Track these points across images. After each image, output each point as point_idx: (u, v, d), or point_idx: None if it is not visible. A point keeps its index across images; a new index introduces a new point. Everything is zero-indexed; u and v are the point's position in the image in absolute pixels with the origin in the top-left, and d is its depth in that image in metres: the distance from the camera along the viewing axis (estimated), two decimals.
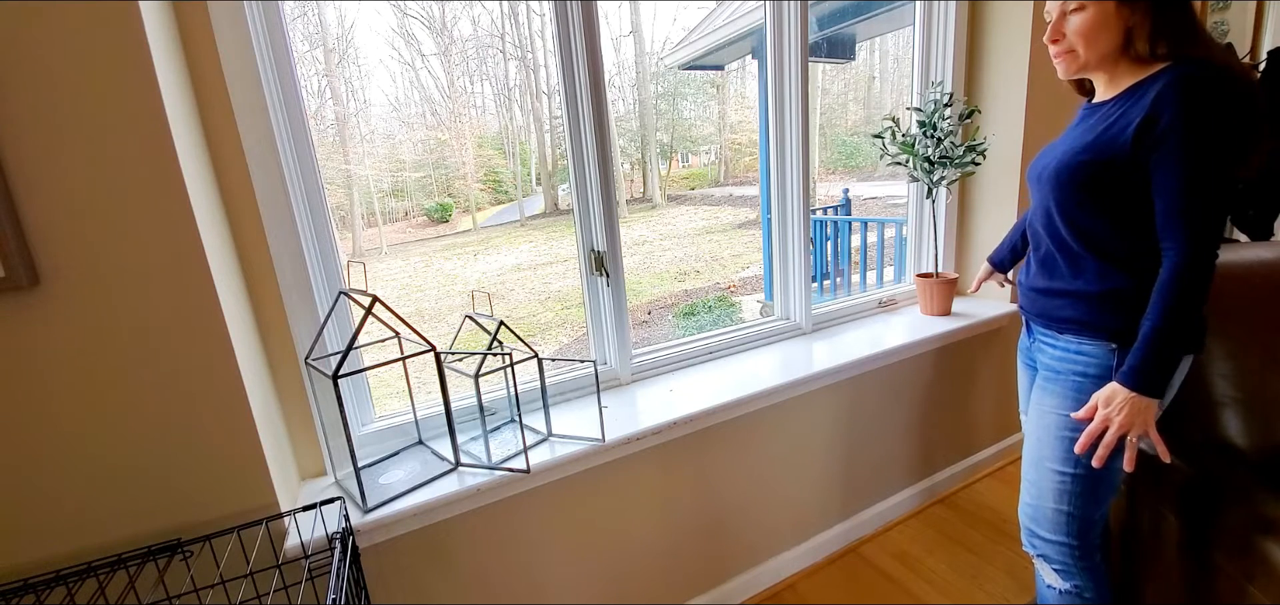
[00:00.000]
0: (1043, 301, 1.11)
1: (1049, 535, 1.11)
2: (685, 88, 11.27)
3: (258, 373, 1.05)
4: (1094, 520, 1.09)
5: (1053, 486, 1.09)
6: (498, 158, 10.40)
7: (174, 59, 0.92)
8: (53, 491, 0.88)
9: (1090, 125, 1.01)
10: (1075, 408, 1.03)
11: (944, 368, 1.91)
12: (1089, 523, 1.08)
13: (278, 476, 1.04)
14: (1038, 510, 1.12)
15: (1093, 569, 1.11)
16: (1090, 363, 1.02)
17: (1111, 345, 1.00)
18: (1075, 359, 1.05)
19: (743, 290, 6.38)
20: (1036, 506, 1.12)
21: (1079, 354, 1.04)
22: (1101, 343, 1.01)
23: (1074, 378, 1.04)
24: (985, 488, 2.06)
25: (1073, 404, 1.04)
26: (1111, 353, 1.00)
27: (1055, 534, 1.10)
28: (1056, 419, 1.07)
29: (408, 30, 9.30)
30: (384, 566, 1.14)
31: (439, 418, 1.32)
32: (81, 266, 0.84)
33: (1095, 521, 1.09)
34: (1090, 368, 1.02)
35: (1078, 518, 1.07)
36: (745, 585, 1.64)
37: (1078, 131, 1.04)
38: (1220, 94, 0.86)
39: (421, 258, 8.03)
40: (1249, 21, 2.35)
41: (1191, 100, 0.86)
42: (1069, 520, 1.08)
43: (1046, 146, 1.13)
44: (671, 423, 1.35)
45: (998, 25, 1.89)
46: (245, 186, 1.05)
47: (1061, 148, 1.04)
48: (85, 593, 0.88)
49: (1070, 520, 1.08)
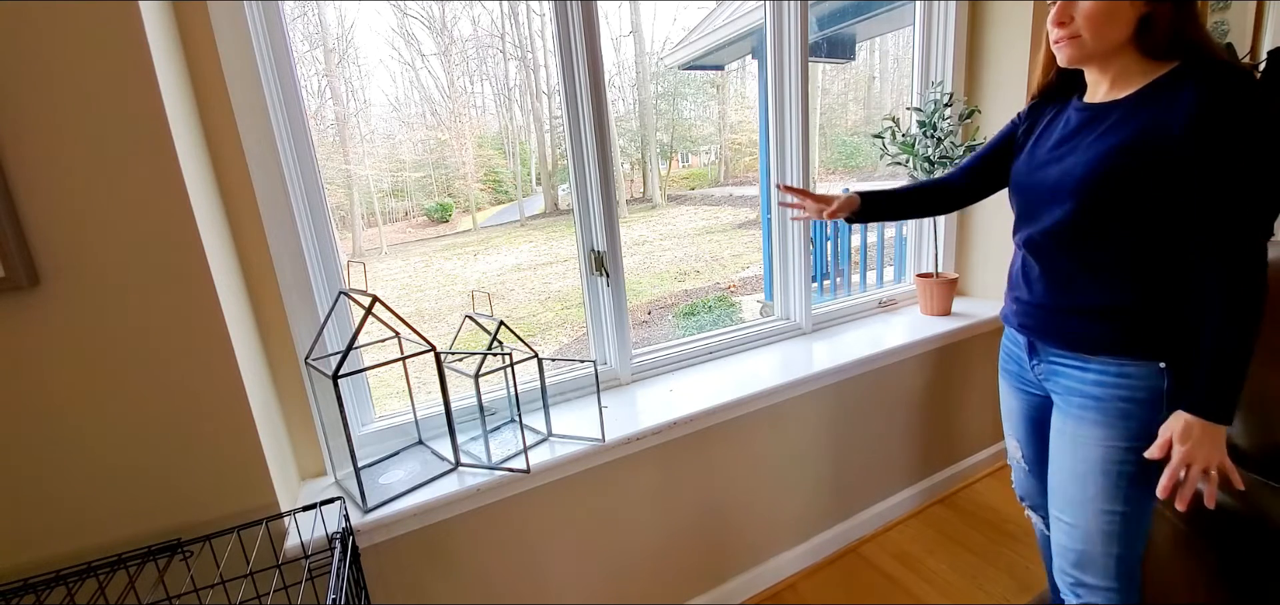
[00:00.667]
0: (1060, 321, 1.00)
1: (1100, 581, 1.00)
2: (685, 88, 11.27)
3: (258, 373, 1.05)
4: (1140, 556, 1.00)
5: (1102, 528, 0.97)
6: (498, 158, 10.39)
7: (174, 59, 0.92)
8: (53, 491, 0.88)
9: (1110, 125, 0.91)
10: (1125, 439, 0.93)
11: (944, 368, 1.91)
12: (1137, 560, 0.99)
13: (278, 476, 1.04)
14: (1086, 557, 1.00)
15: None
16: (1138, 386, 0.92)
17: (1160, 364, 0.90)
18: (1119, 383, 0.93)
19: (743, 290, 6.38)
20: (1084, 553, 1.00)
21: (1122, 377, 0.93)
22: (1147, 363, 0.91)
23: (1120, 404, 0.93)
24: (985, 488, 2.06)
25: (1122, 435, 0.93)
26: (1161, 373, 0.90)
27: (1106, 579, 0.99)
28: (1103, 453, 0.95)
29: (408, 30, 9.29)
30: (384, 566, 1.14)
31: (439, 418, 1.32)
32: (81, 266, 0.84)
33: (1140, 557, 1.00)
34: (1139, 392, 0.92)
35: (1128, 558, 0.98)
36: (745, 585, 1.64)
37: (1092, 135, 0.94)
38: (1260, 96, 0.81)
39: (421, 258, 8.03)
40: (1249, 21, 2.35)
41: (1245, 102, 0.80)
42: (1119, 563, 0.98)
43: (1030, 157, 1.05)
44: (671, 423, 1.35)
45: (998, 25, 1.89)
46: (245, 186, 1.05)
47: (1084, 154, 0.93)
48: (85, 593, 0.88)
49: (1120, 562, 0.98)
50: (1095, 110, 0.96)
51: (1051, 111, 1.06)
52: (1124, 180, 0.88)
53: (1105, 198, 0.90)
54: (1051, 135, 1.02)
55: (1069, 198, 0.94)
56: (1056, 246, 0.99)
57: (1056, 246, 0.99)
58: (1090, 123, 0.95)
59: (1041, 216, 1.00)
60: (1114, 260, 0.93)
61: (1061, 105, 1.04)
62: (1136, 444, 0.93)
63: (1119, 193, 0.89)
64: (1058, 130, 1.01)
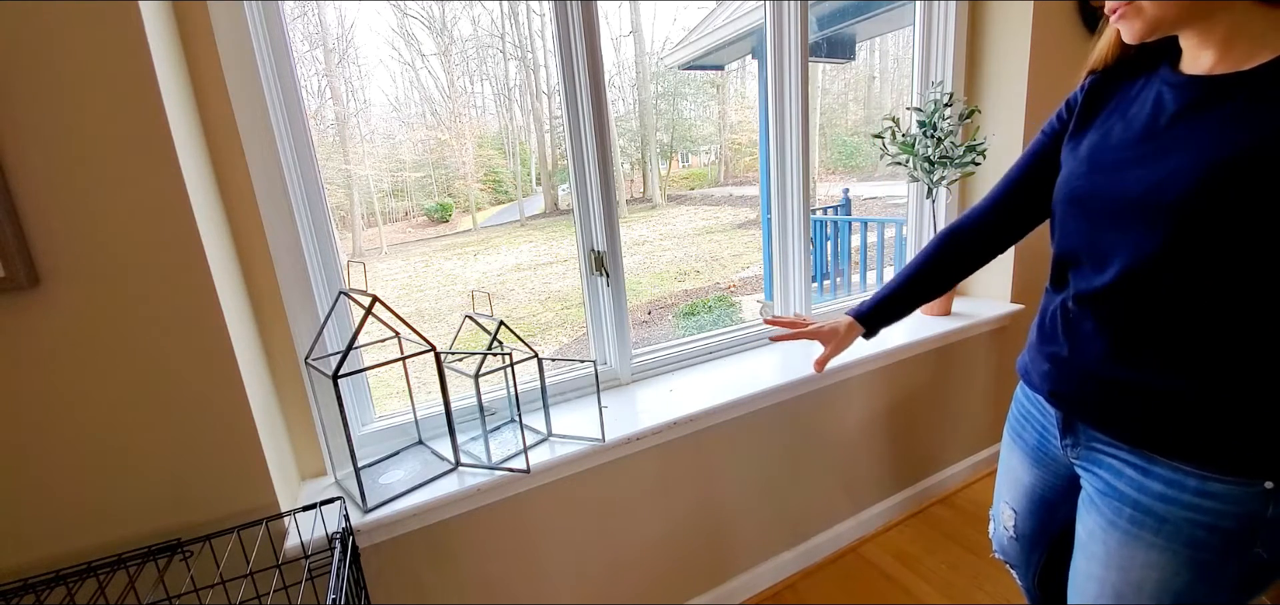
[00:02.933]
0: (1119, 399, 0.72)
1: None
2: (685, 88, 11.27)
3: (258, 373, 1.05)
4: None
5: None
6: (498, 158, 10.40)
7: (174, 59, 0.92)
8: (53, 491, 0.88)
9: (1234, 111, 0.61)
10: (1196, 576, 0.67)
11: (944, 368, 1.91)
12: None
13: (278, 476, 1.04)
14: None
15: None
16: (1226, 512, 0.65)
17: (1267, 484, 0.63)
18: (1198, 502, 0.66)
19: (743, 290, 6.38)
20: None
21: (1203, 495, 0.66)
22: (1246, 482, 0.64)
23: (1196, 531, 0.67)
24: (986, 488, 2.06)
25: (1189, 572, 0.67)
26: (1266, 496, 0.63)
27: None
28: (1155, 590, 0.70)
29: (408, 30, 9.29)
30: (384, 566, 1.14)
31: (439, 418, 1.32)
32: (81, 266, 0.84)
33: None
34: (1226, 519, 0.65)
35: None
36: (745, 585, 1.64)
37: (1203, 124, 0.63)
38: None
39: (421, 258, 8.04)
40: None
41: None
42: None
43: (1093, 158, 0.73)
44: (671, 423, 1.35)
45: (998, 25, 1.89)
46: (245, 186, 1.05)
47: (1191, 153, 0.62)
48: (85, 593, 0.88)
49: None
50: (1207, 86, 0.64)
51: (1126, 89, 0.74)
52: (1257, 196, 0.58)
53: (1226, 221, 0.60)
54: (1132, 125, 0.70)
55: (1165, 219, 0.64)
56: (1130, 291, 0.68)
57: (1130, 291, 0.68)
58: (1199, 106, 0.64)
59: (1111, 246, 0.70)
60: (1218, 319, 0.63)
61: (1146, 78, 0.71)
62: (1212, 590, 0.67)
63: (1247, 215, 0.59)
64: (1142, 117, 0.70)
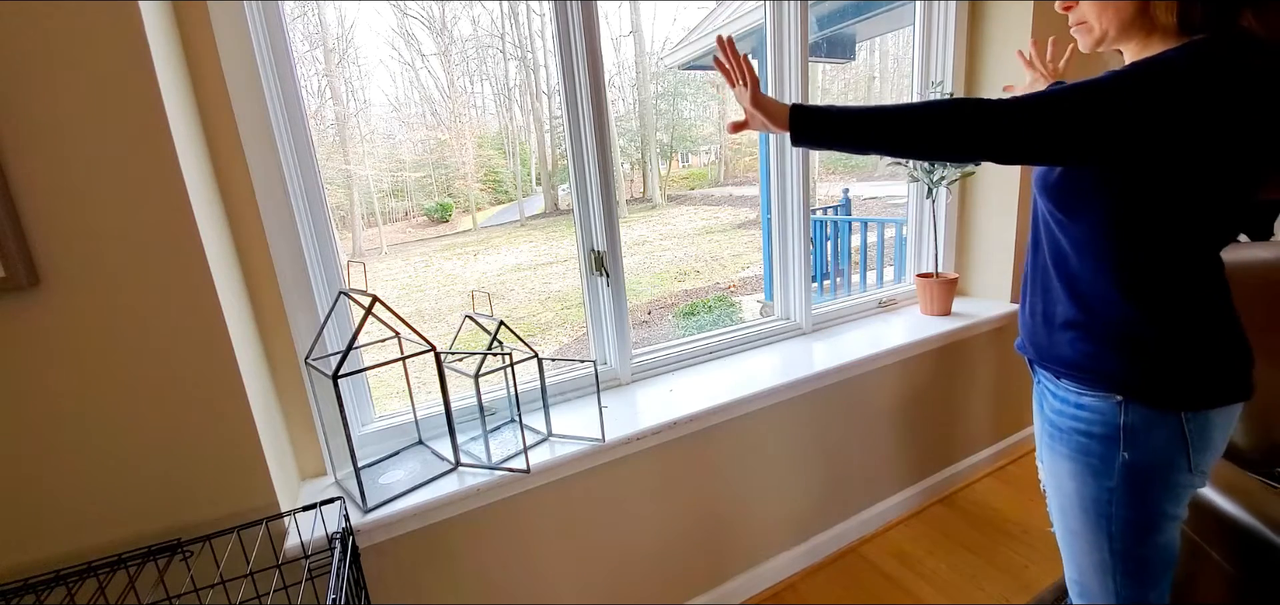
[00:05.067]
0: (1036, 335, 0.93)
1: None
2: (685, 88, 11.28)
3: (258, 373, 1.05)
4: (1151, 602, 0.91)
5: (1094, 565, 0.91)
6: (498, 158, 10.40)
7: (174, 59, 0.92)
8: (53, 491, 0.88)
9: None
10: (1092, 476, 0.85)
11: (944, 368, 1.91)
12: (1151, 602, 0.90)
13: (278, 476, 1.04)
14: (1084, 588, 0.95)
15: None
16: (1095, 421, 0.84)
17: (1118, 398, 0.81)
18: (1078, 413, 0.86)
19: (743, 290, 6.38)
20: (1082, 584, 0.95)
21: (1081, 408, 0.85)
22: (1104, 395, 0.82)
23: (1079, 436, 0.86)
24: (985, 487, 2.06)
25: (1087, 471, 0.86)
26: (1119, 407, 0.81)
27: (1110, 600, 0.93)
28: (1076, 488, 0.89)
29: (408, 30, 9.30)
30: (384, 566, 1.14)
31: (439, 418, 1.32)
32: (81, 266, 0.84)
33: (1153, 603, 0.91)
34: (1095, 426, 0.84)
35: (1135, 596, 0.90)
36: (745, 585, 1.64)
37: None
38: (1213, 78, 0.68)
39: (421, 258, 8.04)
40: None
41: (1149, 72, 0.70)
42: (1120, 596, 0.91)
43: None
44: (671, 423, 1.35)
45: (998, 25, 1.89)
46: (245, 186, 1.05)
47: None
48: (85, 593, 0.88)
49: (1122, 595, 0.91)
50: None
51: None
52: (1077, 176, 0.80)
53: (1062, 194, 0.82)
54: None
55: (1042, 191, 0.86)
56: (1042, 246, 0.91)
57: (1042, 246, 0.91)
58: None
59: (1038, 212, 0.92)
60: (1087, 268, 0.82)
61: None
62: (1105, 483, 0.85)
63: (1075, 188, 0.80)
64: None
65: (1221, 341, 0.80)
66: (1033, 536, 1.77)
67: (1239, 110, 0.69)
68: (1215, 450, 0.82)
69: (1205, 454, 0.81)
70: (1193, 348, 0.78)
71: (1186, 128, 0.69)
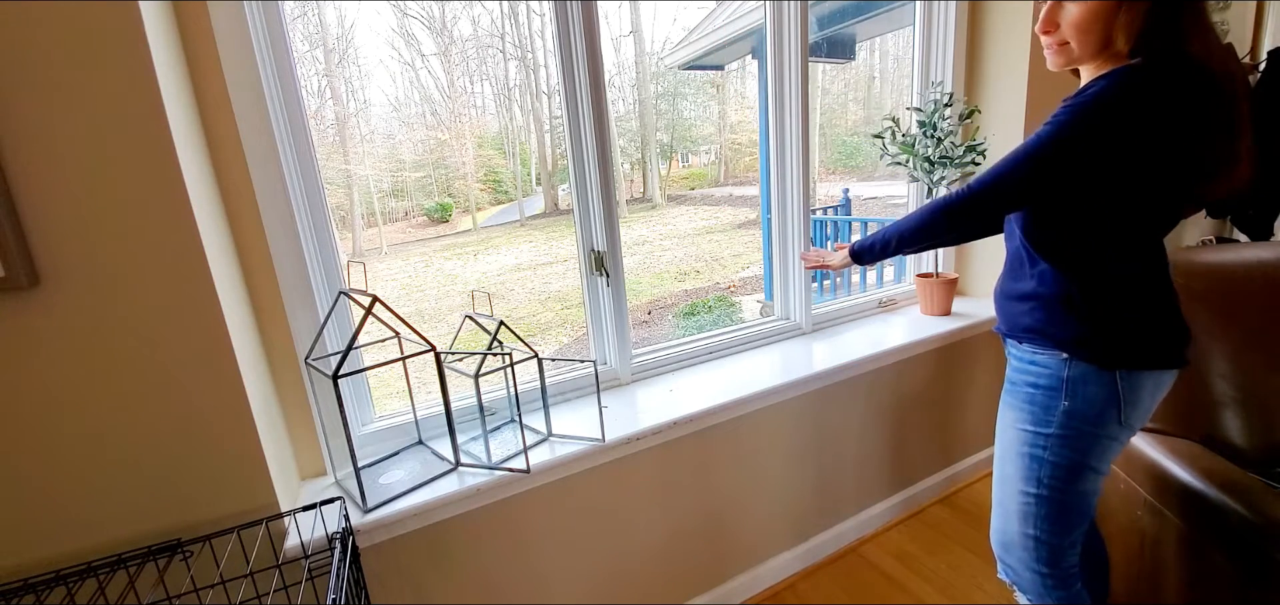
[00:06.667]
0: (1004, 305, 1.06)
1: (1019, 562, 1.06)
2: (685, 88, 11.27)
3: (258, 373, 1.05)
4: (1064, 547, 1.02)
5: (1018, 508, 1.03)
6: (498, 158, 10.40)
7: (174, 59, 0.92)
8: (53, 491, 0.88)
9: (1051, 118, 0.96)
10: (1031, 423, 0.99)
11: (944, 368, 1.91)
12: (1058, 549, 1.02)
13: (278, 476, 1.04)
14: (1006, 534, 1.07)
15: (1070, 601, 1.05)
16: (1042, 374, 0.97)
17: (1064, 355, 0.94)
18: (1028, 369, 1.00)
19: (743, 290, 6.38)
20: (1004, 530, 1.08)
21: (1032, 364, 0.99)
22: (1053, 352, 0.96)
23: (1027, 389, 1.00)
24: (985, 487, 2.06)
25: (1027, 418, 1.00)
26: (1064, 362, 0.94)
27: (1024, 560, 1.05)
28: (1015, 435, 1.02)
29: (408, 30, 9.29)
30: (384, 566, 1.14)
31: (439, 418, 1.32)
32: (81, 266, 0.84)
33: (1065, 548, 1.03)
34: (1042, 378, 0.97)
35: (1046, 544, 1.02)
36: (745, 585, 1.64)
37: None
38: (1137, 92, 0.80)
39: (421, 258, 8.03)
40: (1249, 22, 2.35)
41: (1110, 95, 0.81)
42: (1037, 545, 1.02)
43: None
44: (672, 423, 1.35)
45: (998, 25, 1.89)
46: (245, 186, 1.05)
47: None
48: (85, 593, 0.88)
49: (1038, 545, 1.02)
50: None
51: None
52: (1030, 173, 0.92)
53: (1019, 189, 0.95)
54: None
55: None
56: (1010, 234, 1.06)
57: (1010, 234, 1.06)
58: None
59: None
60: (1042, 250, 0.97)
61: None
62: (1043, 430, 0.98)
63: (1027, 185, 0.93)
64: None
65: (1155, 316, 0.93)
66: None
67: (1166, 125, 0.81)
68: (1144, 410, 0.96)
69: (1135, 410, 0.94)
70: (1127, 319, 0.92)
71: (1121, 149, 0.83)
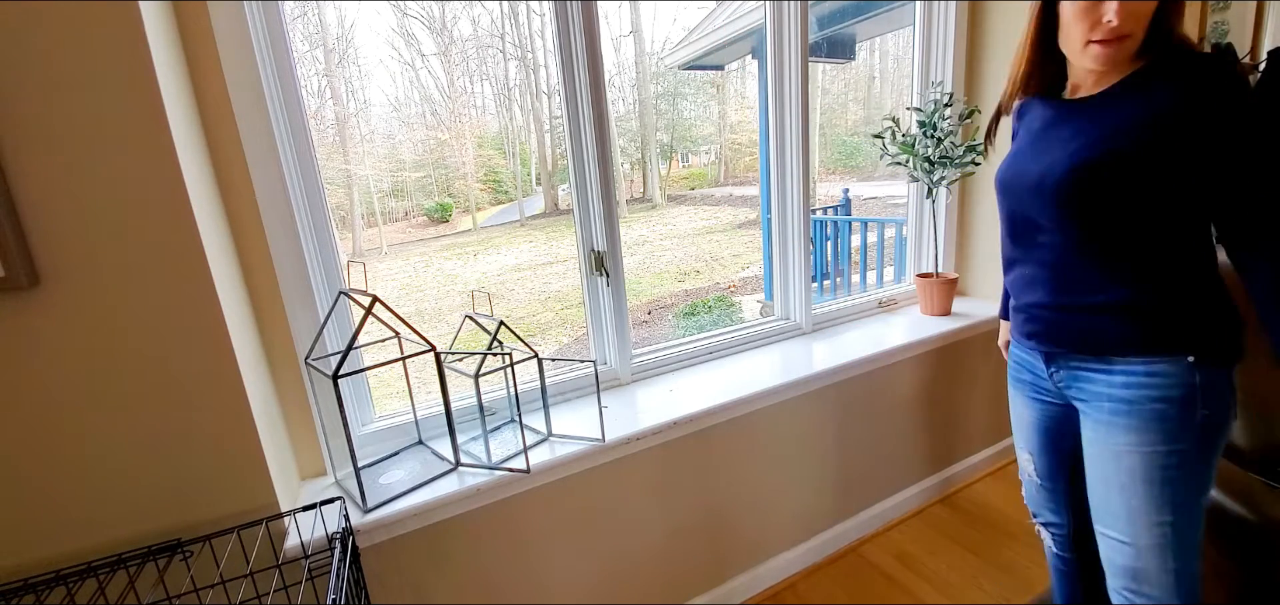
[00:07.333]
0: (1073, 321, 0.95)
1: (1159, 597, 0.94)
2: (685, 88, 11.28)
3: (258, 373, 1.05)
4: (1197, 571, 0.93)
5: (1154, 542, 0.92)
6: (498, 158, 10.40)
7: (174, 59, 0.92)
8: (53, 491, 0.88)
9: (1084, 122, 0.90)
10: (1165, 441, 0.88)
11: (944, 368, 1.91)
12: (1195, 575, 0.93)
13: (278, 476, 1.04)
14: (1141, 573, 0.94)
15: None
16: (1170, 384, 0.87)
17: (1189, 358, 0.86)
18: (1148, 383, 0.89)
19: (743, 290, 6.38)
20: (1139, 569, 0.95)
21: (1151, 377, 0.88)
22: (1176, 358, 0.87)
23: (1153, 406, 0.88)
24: (985, 487, 2.06)
25: (1161, 438, 0.88)
26: (1191, 367, 0.86)
27: (1166, 594, 0.93)
28: (1143, 460, 0.90)
29: (408, 30, 9.30)
30: (384, 566, 1.14)
31: (439, 418, 1.32)
32: (81, 266, 0.84)
33: (1198, 571, 0.93)
34: (1172, 389, 0.87)
35: (1186, 572, 0.92)
36: (745, 585, 1.64)
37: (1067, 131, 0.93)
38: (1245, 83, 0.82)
39: (421, 258, 8.04)
40: (1249, 22, 2.35)
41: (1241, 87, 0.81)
42: (1177, 578, 0.92)
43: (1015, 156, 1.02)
44: (672, 422, 1.35)
45: (998, 25, 1.89)
46: (245, 186, 1.05)
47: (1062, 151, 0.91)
48: (85, 593, 0.88)
49: (1179, 578, 0.92)
50: (1069, 107, 0.95)
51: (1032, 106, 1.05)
52: (1107, 176, 0.86)
53: (1089, 195, 0.88)
54: (1032, 131, 1.02)
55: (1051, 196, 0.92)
56: (1049, 244, 0.96)
57: (1049, 244, 0.96)
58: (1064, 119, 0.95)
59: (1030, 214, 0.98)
60: (1120, 254, 0.89)
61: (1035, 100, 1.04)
62: (1177, 446, 0.88)
63: (1104, 188, 0.87)
64: (1037, 126, 1.01)
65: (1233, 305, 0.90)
66: (1033, 536, 1.77)
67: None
68: None
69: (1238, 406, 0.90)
70: (1229, 310, 0.89)
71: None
